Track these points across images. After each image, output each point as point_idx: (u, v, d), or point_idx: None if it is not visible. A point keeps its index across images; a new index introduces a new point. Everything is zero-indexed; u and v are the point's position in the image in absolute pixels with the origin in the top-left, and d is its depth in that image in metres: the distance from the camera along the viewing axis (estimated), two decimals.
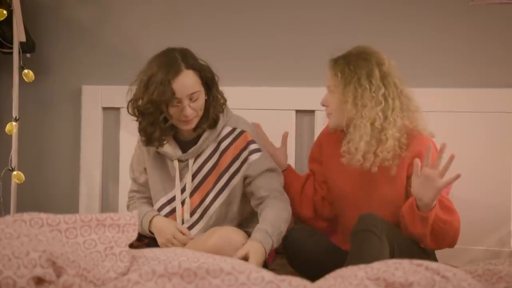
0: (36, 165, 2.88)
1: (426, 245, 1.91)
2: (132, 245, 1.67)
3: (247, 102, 2.50)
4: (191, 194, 2.07)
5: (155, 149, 2.09)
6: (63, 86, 2.86)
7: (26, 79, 2.59)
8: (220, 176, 2.06)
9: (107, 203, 2.81)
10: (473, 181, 2.38)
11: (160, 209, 2.10)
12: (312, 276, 1.54)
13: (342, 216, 2.15)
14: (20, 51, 2.59)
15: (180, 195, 2.07)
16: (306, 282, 1.23)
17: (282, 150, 2.25)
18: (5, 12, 2.52)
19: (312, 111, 2.57)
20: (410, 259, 1.37)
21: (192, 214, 2.07)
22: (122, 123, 2.74)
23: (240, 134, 2.08)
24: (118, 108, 2.74)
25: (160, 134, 2.01)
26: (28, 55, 2.69)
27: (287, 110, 2.58)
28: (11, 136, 2.58)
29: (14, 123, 2.57)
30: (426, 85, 2.42)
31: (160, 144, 2.04)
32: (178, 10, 2.74)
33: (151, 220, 2.07)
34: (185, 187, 2.07)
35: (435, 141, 1.98)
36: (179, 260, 1.50)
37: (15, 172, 2.57)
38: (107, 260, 1.43)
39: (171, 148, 2.08)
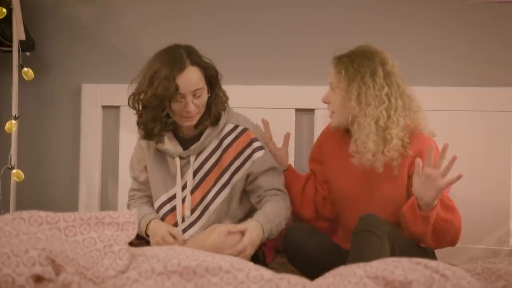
0: (35, 163, 2.88)
1: (428, 244, 1.91)
2: (131, 243, 1.67)
3: (246, 101, 2.50)
4: (192, 191, 2.07)
5: (155, 146, 2.09)
6: (62, 84, 2.86)
7: (25, 78, 2.59)
8: (222, 173, 2.07)
9: (107, 201, 2.81)
10: (472, 180, 2.38)
11: (160, 207, 2.10)
12: (313, 275, 1.54)
13: (343, 216, 2.15)
14: (20, 49, 2.59)
15: (180, 193, 2.07)
16: (305, 281, 1.23)
17: (283, 150, 2.26)
18: (4, 10, 2.52)
19: (312, 110, 2.58)
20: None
21: (193, 211, 2.07)
22: (121, 121, 2.74)
23: (243, 131, 2.09)
24: (118, 107, 2.74)
25: (160, 129, 2.01)
26: (27, 54, 2.69)
27: (286, 109, 2.58)
28: (10, 134, 2.58)
29: (13, 121, 2.57)
30: (425, 84, 2.42)
31: (159, 139, 2.05)
32: (177, 9, 2.74)
33: (148, 223, 2.06)
34: (186, 185, 2.07)
35: (435, 140, 1.98)
36: (178, 258, 1.50)
37: (14, 171, 2.57)
38: (106, 258, 1.43)
39: (171, 145, 2.08)
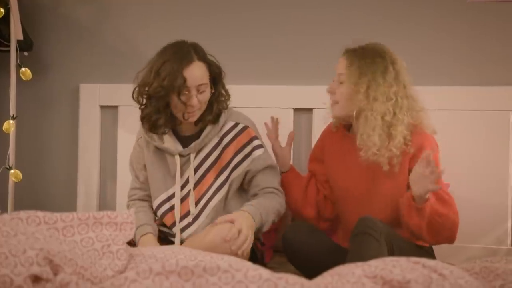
0: (33, 163, 2.88)
1: (424, 239, 1.91)
2: (130, 243, 1.67)
3: (245, 100, 2.50)
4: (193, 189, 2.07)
5: (155, 145, 2.09)
6: (61, 84, 2.86)
7: (23, 78, 2.59)
8: (221, 170, 2.07)
9: (105, 201, 2.81)
10: (471, 179, 2.39)
11: (159, 206, 2.10)
12: (313, 275, 1.53)
13: (343, 215, 2.15)
14: (18, 49, 2.59)
15: (179, 191, 2.07)
16: (303, 280, 1.23)
17: (287, 150, 2.25)
18: (2, 10, 2.52)
19: (310, 109, 2.58)
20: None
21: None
22: (120, 121, 2.74)
23: (244, 129, 2.10)
24: (116, 107, 2.74)
25: (164, 121, 2.04)
26: (25, 54, 2.69)
27: (285, 109, 2.58)
28: (8, 134, 2.57)
29: (11, 121, 2.56)
30: (425, 83, 2.42)
31: (163, 131, 2.06)
32: (177, 10, 2.74)
33: (142, 235, 2.03)
34: (185, 183, 2.07)
35: (436, 138, 2.00)
36: (176, 258, 1.49)
37: (12, 171, 2.57)
38: (104, 258, 1.43)
39: (171, 143, 2.09)
